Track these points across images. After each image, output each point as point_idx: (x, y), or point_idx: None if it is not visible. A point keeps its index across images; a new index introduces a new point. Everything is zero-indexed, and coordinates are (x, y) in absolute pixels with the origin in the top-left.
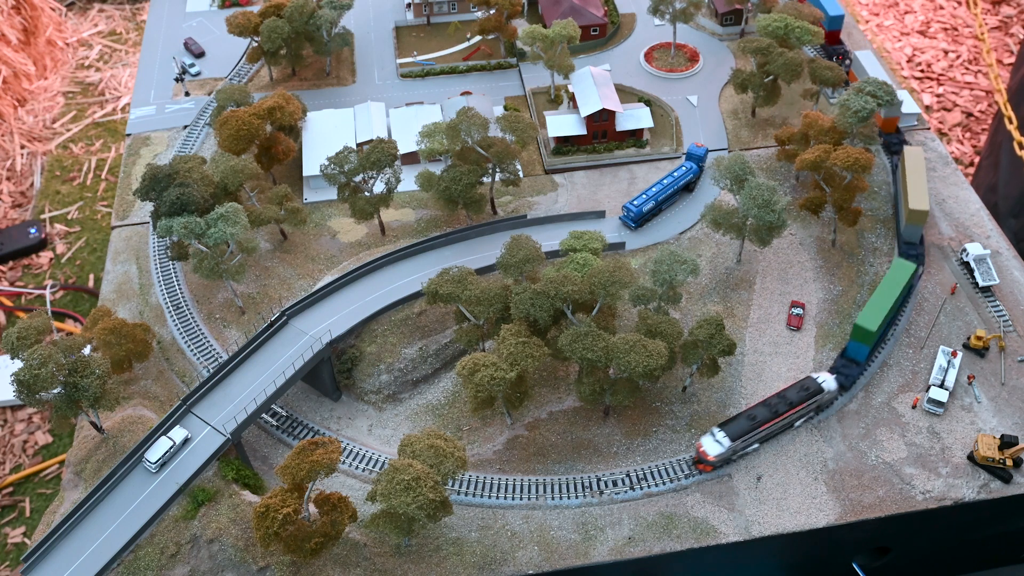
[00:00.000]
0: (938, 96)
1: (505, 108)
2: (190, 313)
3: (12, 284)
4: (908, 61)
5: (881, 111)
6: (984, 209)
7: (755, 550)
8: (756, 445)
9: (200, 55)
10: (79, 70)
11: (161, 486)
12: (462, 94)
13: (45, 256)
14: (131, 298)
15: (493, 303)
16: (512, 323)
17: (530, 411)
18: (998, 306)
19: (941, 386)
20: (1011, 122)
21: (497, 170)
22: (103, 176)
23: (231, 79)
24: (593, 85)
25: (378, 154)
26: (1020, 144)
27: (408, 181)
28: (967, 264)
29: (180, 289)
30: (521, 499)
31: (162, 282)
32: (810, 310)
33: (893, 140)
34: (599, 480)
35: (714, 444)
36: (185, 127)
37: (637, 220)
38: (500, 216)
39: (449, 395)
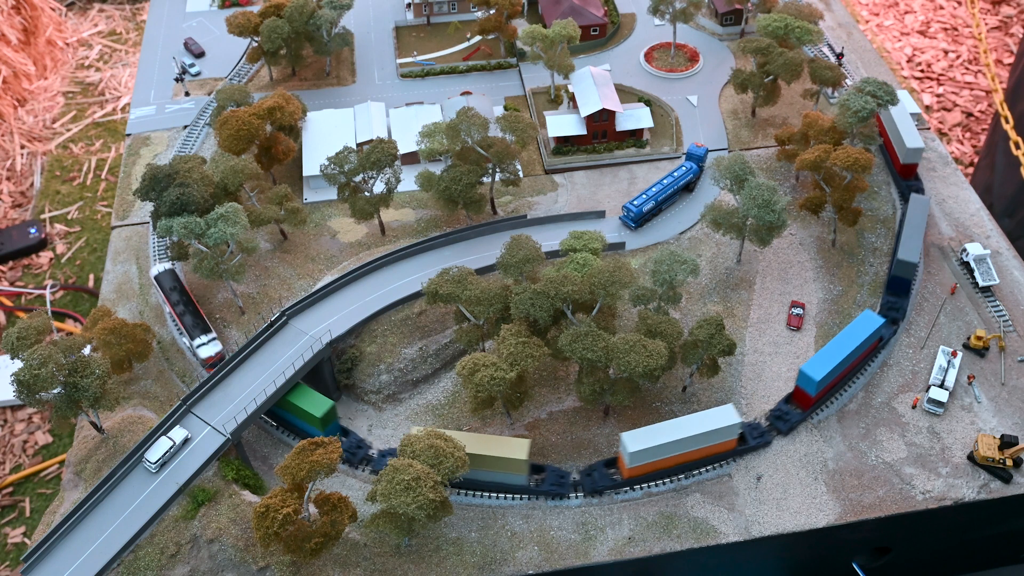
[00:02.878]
0: (938, 96)
1: (505, 108)
2: None
3: (12, 284)
4: (908, 61)
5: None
6: (984, 209)
7: (755, 550)
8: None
9: (200, 55)
10: (79, 70)
11: (161, 486)
12: (462, 94)
13: (45, 256)
14: (131, 298)
15: (493, 303)
16: (512, 323)
17: (530, 411)
18: (998, 306)
19: (941, 386)
20: (1007, 121)
21: (497, 170)
22: (103, 176)
23: (231, 79)
24: (593, 85)
25: (378, 154)
26: (1016, 144)
27: (408, 181)
28: (967, 264)
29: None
30: (521, 499)
31: None
32: (810, 310)
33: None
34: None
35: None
36: (185, 127)
37: (637, 220)
38: (500, 216)
39: (449, 395)
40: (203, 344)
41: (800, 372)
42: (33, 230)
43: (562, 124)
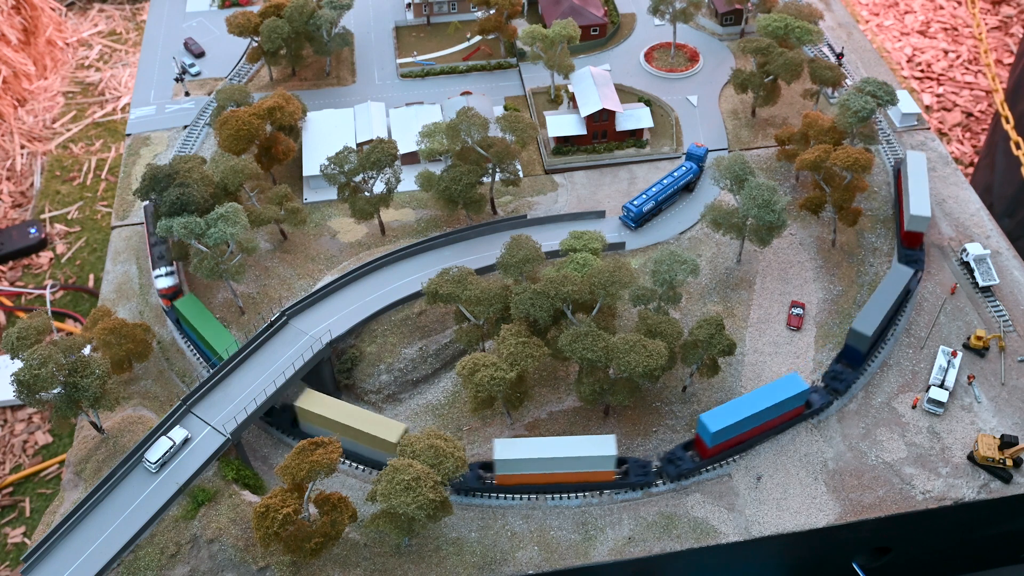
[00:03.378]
0: (938, 96)
1: (505, 108)
2: None
3: (12, 284)
4: (908, 61)
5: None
6: (984, 209)
7: (755, 550)
8: None
9: (200, 55)
10: (79, 70)
11: (161, 486)
12: (462, 94)
13: (45, 256)
14: (131, 298)
15: (493, 303)
16: (512, 323)
17: (530, 411)
18: (998, 306)
19: (941, 386)
20: (1008, 121)
21: (497, 170)
22: (103, 176)
23: (231, 79)
24: (593, 85)
25: (378, 154)
26: (1017, 144)
27: (408, 181)
28: (967, 264)
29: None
30: (521, 499)
31: None
32: (810, 310)
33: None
34: None
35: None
36: (185, 127)
37: (637, 220)
38: (500, 216)
39: (449, 395)
40: (160, 276)
41: (699, 419)
42: (33, 230)
43: (562, 124)
